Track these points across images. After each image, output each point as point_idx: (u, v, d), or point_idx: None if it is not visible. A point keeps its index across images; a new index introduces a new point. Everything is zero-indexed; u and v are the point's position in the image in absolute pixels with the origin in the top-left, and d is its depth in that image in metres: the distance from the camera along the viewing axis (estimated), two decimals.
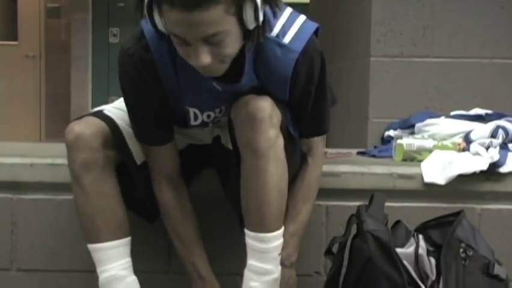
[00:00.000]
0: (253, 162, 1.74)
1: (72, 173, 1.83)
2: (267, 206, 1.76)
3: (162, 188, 1.91)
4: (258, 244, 1.79)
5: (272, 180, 1.75)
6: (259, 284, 1.80)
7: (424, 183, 2.16)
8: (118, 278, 1.86)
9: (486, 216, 2.17)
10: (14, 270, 2.16)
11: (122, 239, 1.88)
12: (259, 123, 1.71)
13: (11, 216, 2.15)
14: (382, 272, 1.75)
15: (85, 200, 1.83)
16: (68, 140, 1.82)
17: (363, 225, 1.81)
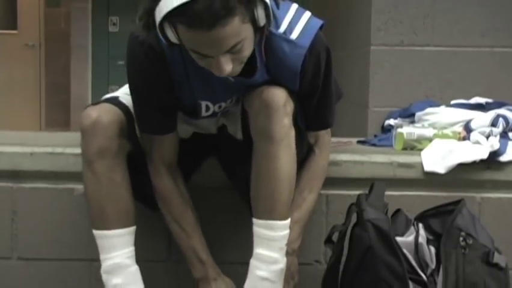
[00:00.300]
0: (267, 149, 1.76)
1: (85, 158, 1.84)
2: (279, 193, 1.79)
3: (163, 175, 1.91)
4: (267, 232, 1.80)
5: (284, 168, 1.78)
6: (267, 273, 1.81)
7: (424, 172, 2.16)
8: (121, 266, 1.87)
9: (486, 205, 2.17)
10: (14, 259, 2.16)
11: (128, 228, 1.89)
12: (274, 112, 1.74)
13: (12, 204, 2.15)
14: (382, 260, 1.75)
15: (95, 186, 1.84)
16: (84, 126, 1.81)
17: (363, 214, 1.81)
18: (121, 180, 1.86)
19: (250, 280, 1.83)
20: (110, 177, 1.83)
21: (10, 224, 2.15)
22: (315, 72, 1.82)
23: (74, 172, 2.06)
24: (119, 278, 1.86)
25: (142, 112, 1.85)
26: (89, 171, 1.84)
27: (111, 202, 1.85)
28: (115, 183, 1.85)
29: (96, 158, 1.81)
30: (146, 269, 1.95)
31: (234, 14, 1.52)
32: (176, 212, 1.92)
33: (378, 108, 2.84)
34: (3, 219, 2.15)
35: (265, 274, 1.81)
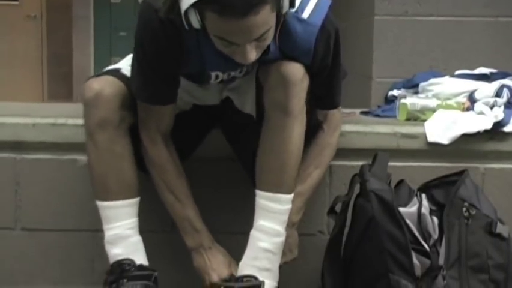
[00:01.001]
0: (282, 122, 1.78)
1: (87, 129, 1.85)
2: (287, 166, 1.80)
3: (158, 144, 1.90)
4: (272, 205, 1.82)
5: (296, 143, 1.80)
6: (269, 245, 1.83)
7: (428, 142, 2.15)
8: (123, 236, 1.89)
9: (489, 175, 2.17)
10: (18, 230, 2.17)
11: (131, 199, 1.90)
12: (292, 85, 1.75)
13: (15, 176, 2.15)
14: (385, 231, 1.75)
15: (97, 158, 1.86)
16: (86, 97, 1.82)
17: (366, 185, 1.81)
18: (122, 151, 1.87)
19: (251, 251, 1.84)
20: (112, 149, 1.84)
21: (14, 195, 2.16)
22: (326, 51, 1.81)
23: (76, 143, 2.06)
24: (119, 248, 1.88)
25: (145, 81, 1.83)
26: (91, 143, 1.85)
27: (113, 173, 1.86)
28: (116, 155, 1.86)
29: (98, 129, 1.82)
30: (152, 239, 1.97)
31: (265, 3, 1.54)
32: (171, 181, 1.91)
33: (381, 79, 2.82)
34: (6, 190, 2.16)
35: (268, 245, 1.82)
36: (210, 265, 1.90)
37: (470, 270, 1.79)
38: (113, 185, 1.87)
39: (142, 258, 1.91)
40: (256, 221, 1.84)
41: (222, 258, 1.91)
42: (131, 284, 1.86)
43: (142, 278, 1.88)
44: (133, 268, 1.88)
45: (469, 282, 1.78)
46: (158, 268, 1.95)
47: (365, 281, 1.80)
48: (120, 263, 1.87)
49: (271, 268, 1.84)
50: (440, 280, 1.73)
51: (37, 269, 2.17)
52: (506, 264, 1.83)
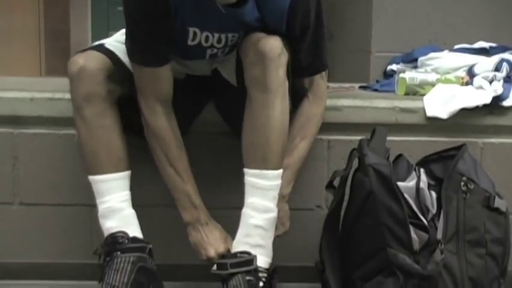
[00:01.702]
0: (262, 99, 1.77)
1: (74, 104, 1.87)
2: (272, 142, 1.79)
3: (158, 113, 1.89)
4: (260, 181, 1.81)
5: (278, 118, 1.79)
6: (260, 221, 1.83)
7: (426, 117, 2.15)
8: (115, 209, 1.90)
9: (488, 150, 2.17)
10: (16, 204, 2.17)
11: (122, 172, 1.92)
12: (269, 62, 1.75)
13: (12, 150, 2.15)
14: (383, 205, 1.76)
15: (86, 132, 1.87)
16: (71, 72, 1.84)
17: (364, 159, 1.81)
18: (111, 124, 1.88)
19: (243, 228, 1.84)
20: (100, 123, 1.86)
21: (12, 169, 2.16)
22: (305, 11, 1.81)
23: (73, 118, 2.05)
24: (112, 221, 1.90)
25: (136, 43, 1.83)
26: (78, 117, 1.87)
27: (102, 147, 1.88)
28: (105, 128, 1.87)
29: (84, 103, 1.84)
30: (145, 213, 1.97)
31: None
32: (171, 153, 1.91)
33: (380, 53, 2.81)
34: (4, 165, 2.15)
35: (259, 222, 1.83)
36: (207, 240, 1.90)
37: (468, 245, 1.79)
38: (103, 158, 1.88)
39: (135, 231, 1.92)
40: (246, 199, 1.84)
41: (219, 233, 1.92)
42: (125, 256, 1.87)
43: (136, 250, 1.89)
44: (127, 240, 1.88)
45: (466, 256, 1.78)
46: (153, 242, 1.95)
47: (363, 255, 1.80)
48: (113, 235, 1.88)
49: (263, 244, 1.84)
50: (438, 254, 1.73)
51: (35, 243, 2.17)
52: (504, 238, 1.83)
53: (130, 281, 1.83)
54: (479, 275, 1.79)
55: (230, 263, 1.80)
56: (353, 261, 1.83)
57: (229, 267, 1.79)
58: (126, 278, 1.83)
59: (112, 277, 1.83)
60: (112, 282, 1.82)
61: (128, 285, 1.82)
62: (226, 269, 1.80)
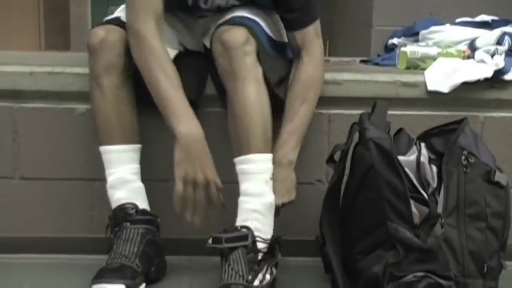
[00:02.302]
0: (233, 88, 1.82)
1: (93, 74, 1.91)
2: (253, 128, 1.82)
3: (149, 20, 1.85)
4: (246, 166, 1.84)
5: (253, 104, 1.82)
6: (256, 206, 1.84)
7: (427, 91, 2.14)
8: (126, 181, 1.92)
9: (489, 124, 2.16)
10: (17, 179, 2.17)
11: (134, 145, 1.95)
12: (234, 51, 1.80)
13: (13, 124, 2.14)
14: (384, 179, 1.76)
15: (102, 102, 1.90)
16: (92, 43, 1.89)
17: (365, 133, 1.80)
18: (127, 97, 1.92)
19: (241, 214, 1.86)
20: (116, 94, 1.90)
21: (12, 144, 2.15)
22: None
23: (74, 92, 2.05)
24: (122, 192, 1.91)
25: None
26: (96, 87, 1.91)
27: (116, 117, 1.91)
28: (120, 100, 1.91)
29: (103, 73, 1.89)
30: (153, 188, 1.99)
31: None
32: (164, 61, 1.84)
33: (381, 27, 2.81)
34: (5, 139, 2.15)
35: (255, 206, 1.84)
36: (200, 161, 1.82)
37: (468, 218, 1.80)
38: (116, 129, 1.91)
39: (144, 204, 1.94)
40: (240, 187, 1.86)
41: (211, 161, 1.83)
42: (134, 228, 1.88)
43: (145, 223, 1.90)
44: (136, 212, 1.90)
45: (466, 230, 1.79)
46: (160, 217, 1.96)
47: (364, 229, 1.81)
48: (123, 207, 1.90)
49: (262, 229, 1.85)
50: (438, 228, 1.74)
51: (36, 218, 2.17)
52: (504, 212, 1.84)
53: (139, 252, 1.85)
54: (479, 249, 1.79)
55: (225, 237, 1.81)
56: (354, 235, 1.83)
57: (224, 241, 1.81)
58: (136, 248, 1.85)
59: (122, 246, 1.85)
60: (122, 251, 1.84)
61: (138, 255, 1.84)
62: (221, 243, 1.81)
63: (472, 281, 1.77)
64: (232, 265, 1.78)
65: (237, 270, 1.78)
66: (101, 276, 1.77)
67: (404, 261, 1.72)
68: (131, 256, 1.83)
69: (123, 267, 1.80)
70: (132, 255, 1.83)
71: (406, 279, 1.72)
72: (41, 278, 1.98)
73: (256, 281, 1.79)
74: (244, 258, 1.80)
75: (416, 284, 1.71)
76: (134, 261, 1.82)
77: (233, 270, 1.78)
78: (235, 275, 1.77)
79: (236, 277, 1.77)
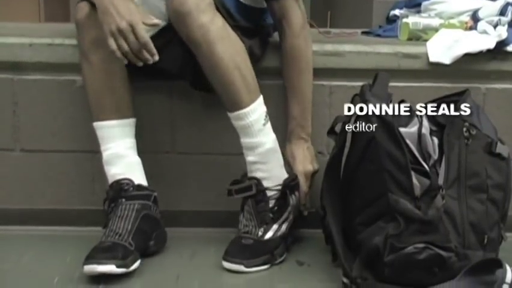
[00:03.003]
0: (199, 51, 1.80)
1: (81, 50, 1.90)
2: (230, 84, 1.83)
3: None
4: (239, 122, 1.86)
5: (224, 59, 1.81)
6: (255, 157, 1.88)
7: (429, 62, 2.13)
8: (120, 156, 1.91)
9: (491, 95, 2.16)
10: (17, 151, 2.16)
11: (126, 119, 1.93)
12: (186, 16, 1.77)
13: (13, 96, 2.14)
14: (385, 151, 1.75)
15: (92, 77, 1.89)
16: (79, 18, 1.87)
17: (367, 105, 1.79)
18: (117, 70, 1.89)
19: (247, 168, 1.91)
20: (106, 68, 1.88)
21: (12, 115, 2.15)
22: None
23: (73, 63, 2.04)
24: (117, 168, 1.91)
25: None
26: (85, 63, 1.89)
27: (108, 92, 1.89)
28: (111, 74, 1.89)
29: (91, 48, 1.87)
30: (150, 160, 1.98)
31: None
32: None
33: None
34: (5, 111, 2.14)
35: (254, 158, 1.89)
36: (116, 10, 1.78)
37: (469, 190, 1.79)
38: (108, 104, 1.90)
39: (140, 178, 1.93)
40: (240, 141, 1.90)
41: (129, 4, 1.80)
42: (129, 204, 1.88)
43: (141, 198, 1.90)
44: (132, 188, 1.89)
45: (467, 202, 1.79)
46: (157, 188, 1.96)
47: (364, 201, 1.81)
48: (119, 182, 1.90)
49: (268, 177, 1.89)
50: (439, 199, 1.74)
51: (37, 190, 2.17)
52: (505, 184, 1.84)
53: (134, 229, 1.85)
54: (479, 220, 1.79)
55: (235, 189, 1.89)
56: (354, 206, 1.83)
57: (234, 193, 1.89)
58: (130, 226, 1.85)
59: (116, 224, 1.85)
60: (116, 229, 1.84)
61: (132, 232, 1.84)
62: (231, 195, 1.89)
63: (472, 252, 1.77)
64: (245, 219, 1.86)
65: (247, 224, 1.85)
66: (92, 256, 1.77)
67: (405, 232, 1.72)
68: (125, 234, 1.83)
69: (115, 246, 1.79)
70: (126, 233, 1.83)
71: (407, 251, 1.72)
72: (42, 250, 1.99)
73: (269, 233, 1.86)
74: (254, 210, 1.86)
75: (417, 255, 1.72)
76: (128, 240, 1.82)
77: (245, 224, 1.86)
78: (246, 228, 1.86)
79: (247, 230, 1.86)
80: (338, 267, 1.79)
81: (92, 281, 1.75)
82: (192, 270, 1.87)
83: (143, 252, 1.88)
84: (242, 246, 1.84)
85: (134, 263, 1.81)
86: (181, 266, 1.89)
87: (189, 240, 2.04)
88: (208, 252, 1.96)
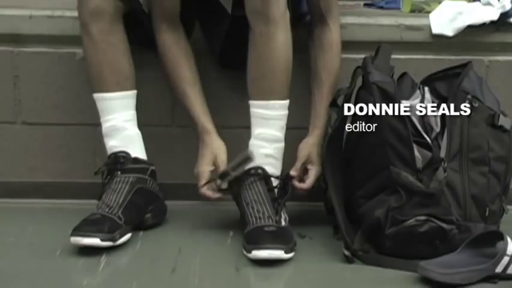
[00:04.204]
0: (265, 31, 1.78)
1: (81, 21, 1.88)
2: (279, 73, 1.82)
3: (162, 28, 1.91)
4: (268, 112, 1.84)
5: (282, 49, 1.81)
6: (271, 151, 1.86)
7: (432, 34, 2.12)
8: (119, 128, 1.91)
9: (494, 67, 2.14)
10: (18, 124, 2.16)
11: (127, 91, 1.92)
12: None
13: (13, 69, 2.13)
14: (387, 124, 1.75)
15: (92, 49, 1.88)
16: None
17: (368, 77, 1.79)
18: (117, 42, 1.89)
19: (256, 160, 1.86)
20: (106, 39, 1.87)
21: (13, 88, 2.14)
22: None
23: (74, 36, 2.02)
24: (115, 140, 1.91)
25: None
26: (85, 34, 1.88)
27: (108, 64, 1.88)
28: (111, 46, 1.88)
29: (91, 19, 1.86)
30: (150, 133, 1.98)
31: None
32: (177, 65, 1.93)
33: None
34: (5, 84, 2.14)
35: (269, 151, 1.86)
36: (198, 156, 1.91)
37: (471, 163, 1.79)
38: (108, 76, 1.89)
39: (138, 152, 1.94)
40: (253, 130, 1.87)
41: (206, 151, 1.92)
42: (124, 177, 1.88)
43: (136, 171, 1.90)
44: (128, 161, 1.89)
45: (469, 174, 1.79)
46: (158, 161, 1.96)
47: (366, 174, 1.81)
48: (116, 155, 1.90)
49: (275, 173, 1.87)
50: (441, 172, 1.74)
51: (39, 163, 2.17)
52: (507, 156, 1.83)
53: (125, 202, 1.85)
54: (481, 193, 1.79)
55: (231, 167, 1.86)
56: (356, 179, 1.83)
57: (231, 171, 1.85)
58: (121, 199, 1.85)
59: (108, 197, 1.85)
60: (108, 201, 1.84)
61: (122, 206, 1.84)
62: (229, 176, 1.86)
63: (474, 225, 1.78)
64: (255, 211, 1.80)
65: (263, 212, 1.80)
66: (79, 228, 1.76)
67: (407, 205, 1.72)
68: (115, 207, 1.83)
69: (103, 219, 1.79)
70: (116, 206, 1.83)
71: (408, 223, 1.73)
72: (44, 223, 1.99)
73: (282, 220, 1.83)
74: (267, 199, 1.82)
75: (418, 228, 1.72)
76: (117, 213, 1.82)
77: (259, 211, 1.80)
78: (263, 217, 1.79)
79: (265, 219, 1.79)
80: (340, 240, 1.79)
81: (94, 253, 1.76)
82: (193, 243, 1.87)
83: (138, 225, 1.89)
84: (268, 233, 1.76)
85: (123, 237, 1.81)
86: (182, 239, 1.89)
87: (190, 214, 2.05)
88: (209, 225, 1.97)
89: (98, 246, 1.75)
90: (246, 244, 1.76)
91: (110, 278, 1.71)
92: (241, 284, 1.68)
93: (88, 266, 1.73)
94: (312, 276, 1.71)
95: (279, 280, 1.74)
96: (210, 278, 1.68)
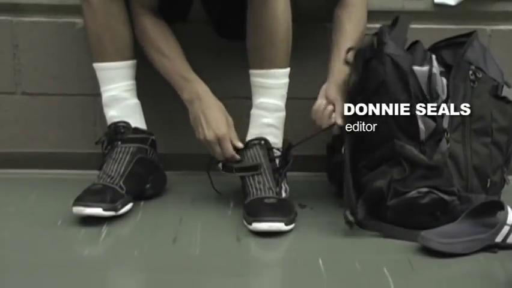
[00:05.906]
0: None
1: None
2: (279, 42, 1.81)
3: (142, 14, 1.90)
4: (268, 81, 1.84)
5: (282, 17, 1.79)
6: (272, 120, 1.86)
7: (434, 3, 2.11)
8: (118, 98, 1.92)
9: (496, 37, 2.13)
10: (18, 94, 2.15)
11: (127, 61, 1.92)
12: None
13: (12, 39, 2.12)
14: (393, 98, 1.74)
15: (92, 18, 1.87)
16: None
17: (383, 47, 1.76)
18: (117, 12, 1.88)
19: (255, 128, 1.88)
20: (107, 9, 1.86)
21: (12, 58, 2.13)
22: None
23: (73, 5, 2.01)
24: (115, 110, 1.92)
25: None
26: (85, 3, 1.86)
27: (108, 34, 1.87)
28: (111, 15, 1.87)
29: None
30: (153, 103, 2.00)
31: None
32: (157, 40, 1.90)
33: None
34: (5, 54, 2.13)
35: (271, 121, 1.86)
36: (206, 120, 1.86)
37: (474, 134, 1.79)
38: (108, 46, 1.88)
39: (138, 122, 1.94)
40: (255, 100, 1.87)
41: (218, 114, 1.87)
42: (125, 147, 1.89)
43: (136, 141, 1.91)
44: (128, 131, 1.90)
45: (471, 145, 1.78)
46: (159, 131, 1.96)
47: (370, 145, 1.80)
48: (116, 125, 1.91)
49: (277, 142, 1.88)
50: (444, 143, 1.73)
51: (39, 133, 2.17)
52: (510, 127, 1.83)
53: (126, 172, 1.86)
54: (483, 164, 1.79)
55: (236, 167, 1.85)
56: (360, 149, 1.82)
57: (234, 171, 1.85)
58: (123, 169, 1.85)
59: (109, 167, 1.86)
60: (109, 171, 1.85)
61: (123, 176, 1.85)
62: (231, 172, 1.86)
63: (475, 196, 1.78)
64: (256, 182, 1.81)
65: (264, 182, 1.80)
66: (81, 198, 1.77)
67: (409, 177, 1.73)
68: (117, 177, 1.83)
69: (105, 189, 1.80)
70: (117, 176, 1.84)
71: (410, 195, 1.73)
72: (44, 193, 2.00)
73: (283, 192, 1.83)
74: (269, 171, 1.82)
75: (420, 200, 1.73)
76: (119, 183, 1.82)
77: (260, 182, 1.81)
78: (264, 188, 1.80)
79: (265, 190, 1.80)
80: (341, 208, 1.79)
81: (95, 223, 1.76)
82: (194, 213, 1.88)
83: (138, 195, 1.89)
84: (268, 205, 1.77)
85: (125, 207, 1.81)
86: (183, 209, 1.90)
87: (190, 184, 2.05)
88: (210, 196, 1.97)
89: (100, 215, 1.75)
90: (246, 215, 1.77)
91: (112, 247, 1.71)
92: (242, 253, 1.69)
93: (90, 235, 1.73)
94: (312, 245, 1.72)
95: (279, 249, 1.74)
96: (211, 247, 1.68)
